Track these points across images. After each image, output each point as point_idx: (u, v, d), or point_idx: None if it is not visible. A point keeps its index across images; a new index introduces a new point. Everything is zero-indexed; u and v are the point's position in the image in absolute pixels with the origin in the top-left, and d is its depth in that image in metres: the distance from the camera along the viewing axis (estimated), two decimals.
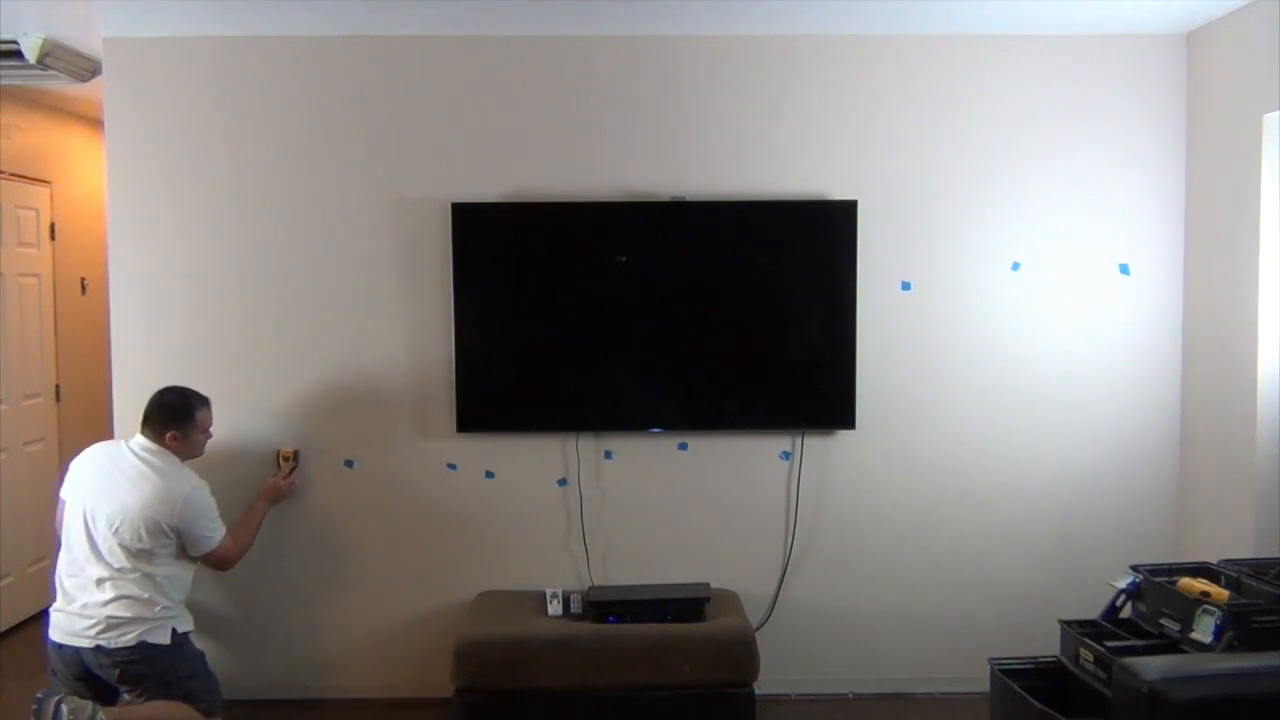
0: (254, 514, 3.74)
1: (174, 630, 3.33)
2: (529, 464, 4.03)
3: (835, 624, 4.07)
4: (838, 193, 3.95)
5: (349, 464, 4.02)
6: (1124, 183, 3.99)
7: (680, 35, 3.94)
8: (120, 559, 3.26)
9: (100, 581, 3.26)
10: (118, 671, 3.24)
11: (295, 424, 4.00)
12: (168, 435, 3.39)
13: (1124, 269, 4.01)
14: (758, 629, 3.87)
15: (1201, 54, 3.89)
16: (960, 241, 3.99)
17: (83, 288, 5.42)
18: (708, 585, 3.85)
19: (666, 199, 3.93)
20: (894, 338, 4.00)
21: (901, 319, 4.00)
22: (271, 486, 3.86)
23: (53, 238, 5.20)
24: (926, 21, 3.80)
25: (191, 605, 3.98)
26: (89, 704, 3.15)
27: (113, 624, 3.22)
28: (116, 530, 3.26)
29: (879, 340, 3.99)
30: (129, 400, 3.97)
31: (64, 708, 3.13)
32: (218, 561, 3.51)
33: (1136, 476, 4.05)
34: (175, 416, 3.43)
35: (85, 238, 5.37)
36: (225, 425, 3.97)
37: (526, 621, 3.69)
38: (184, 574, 3.43)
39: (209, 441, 3.58)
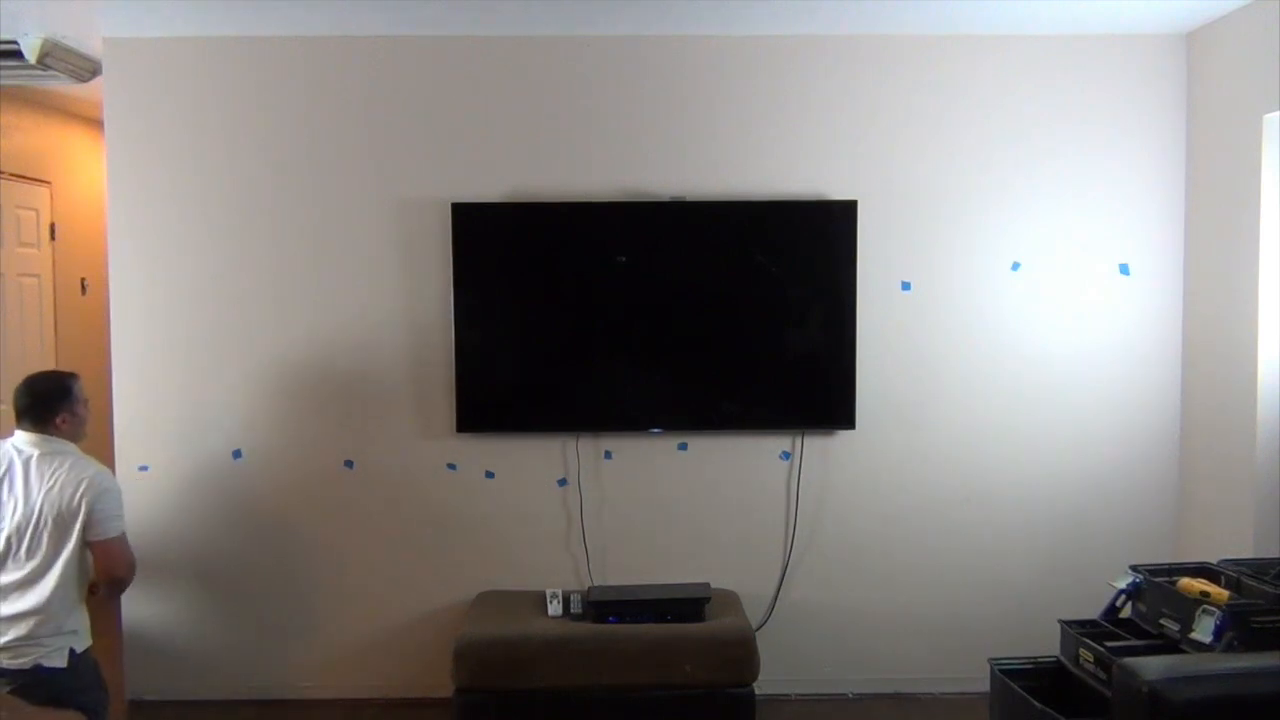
0: None
1: (71, 651, 3.15)
2: (529, 464, 4.03)
3: (835, 624, 4.07)
4: (838, 193, 3.95)
5: (349, 464, 4.02)
6: (1124, 183, 3.99)
7: (680, 35, 3.94)
8: (26, 565, 3.09)
9: (5, 590, 3.09)
10: (9, 688, 3.09)
11: (295, 424, 4.00)
12: (58, 419, 3.19)
13: (1124, 269, 4.01)
14: (758, 629, 3.87)
15: (1201, 54, 3.89)
16: (960, 241, 3.99)
17: (83, 288, 5.42)
18: (708, 585, 3.85)
19: (666, 199, 3.93)
20: (894, 338, 4.00)
21: (901, 319, 4.00)
22: None
23: (53, 238, 5.20)
24: (926, 21, 3.80)
25: (191, 605, 4.00)
26: None
27: (11, 645, 3.05)
28: (27, 531, 3.10)
29: (879, 340, 3.99)
30: (129, 400, 3.98)
31: None
32: (115, 557, 3.20)
33: (1136, 476, 4.05)
34: (57, 398, 3.21)
35: (85, 238, 5.37)
36: (226, 424, 3.98)
37: (526, 621, 3.69)
38: (82, 577, 3.19)
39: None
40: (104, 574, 3.20)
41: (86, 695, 3.24)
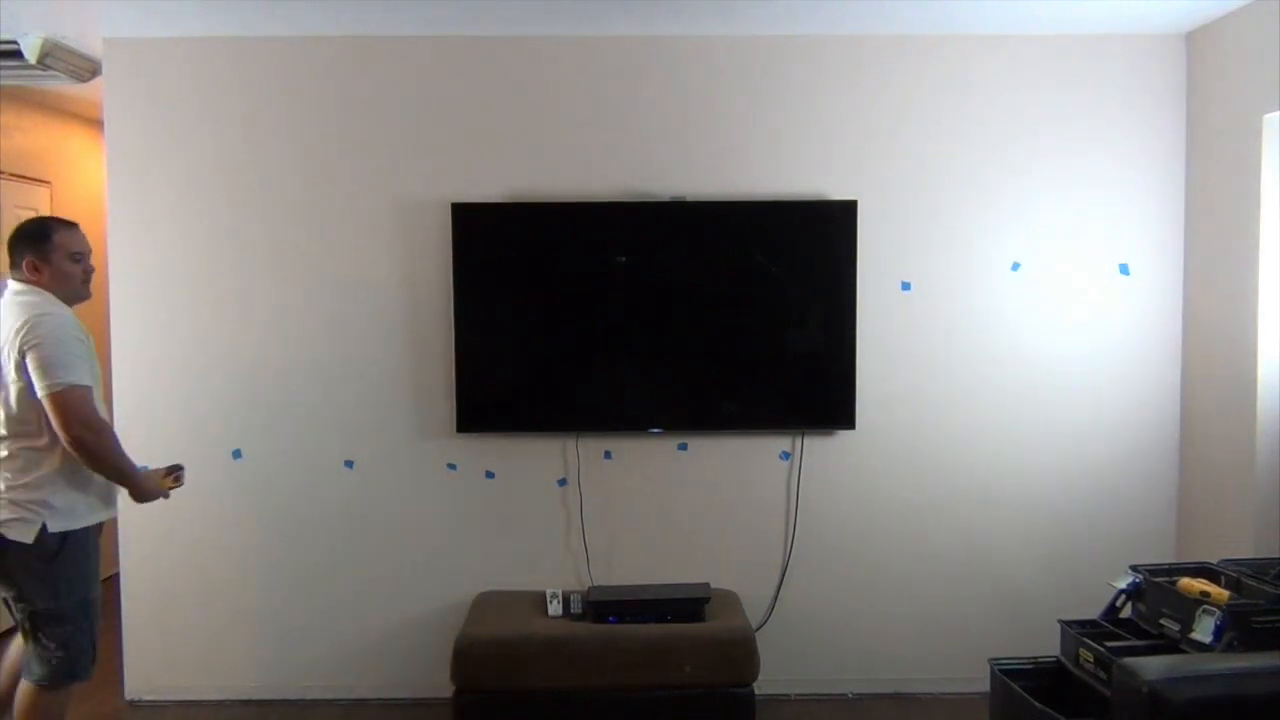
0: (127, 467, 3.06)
1: (44, 528, 2.86)
2: (529, 464, 4.03)
3: (835, 624, 4.07)
4: (838, 193, 3.95)
5: (349, 464, 4.02)
6: (1124, 183, 3.99)
7: (680, 35, 3.94)
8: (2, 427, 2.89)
9: None
10: None
11: (295, 424, 4.00)
12: (25, 263, 2.96)
13: (1124, 269, 4.01)
14: (758, 629, 3.87)
15: (1201, 54, 3.89)
16: (960, 241, 3.99)
17: None
18: (708, 585, 3.85)
19: (666, 199, 3.93)
20: (894, 338, 4.00)
21: (901, 319, 4.00)
22: (155, 487, 3.20)
23: None
24: (926, 21, 3.80)
25: (190, 605, 3.99)
26: None
27: None
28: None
29: (879, 340, 3.99)
30: (129, 399, 3.98)
31: None
32: (63, 411, 2.81)
33: (1136, 476, 4.05)
34: (30, 241, 2.98)
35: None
36: (226, 424, 3.98)
37: (526, 621, 3.69)
38: (52, 459, 2.90)
39: (87, 279, 3.17)
40: (60, 434, 2.84)
41: (54, 592, 2.88)
